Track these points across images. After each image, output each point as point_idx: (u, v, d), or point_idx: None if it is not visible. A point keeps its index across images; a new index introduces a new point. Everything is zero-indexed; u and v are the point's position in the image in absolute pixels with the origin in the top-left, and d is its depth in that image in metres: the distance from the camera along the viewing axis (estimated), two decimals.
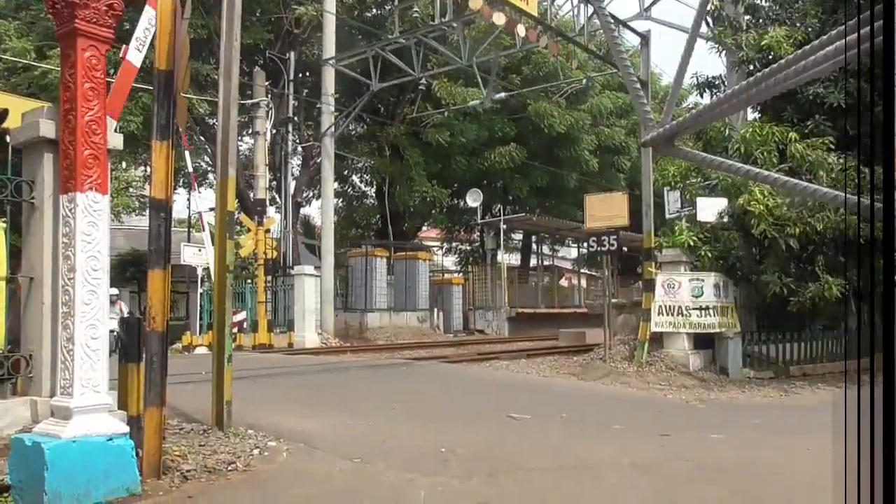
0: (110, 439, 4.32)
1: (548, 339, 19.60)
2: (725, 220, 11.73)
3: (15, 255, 4.58)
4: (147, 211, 5.24)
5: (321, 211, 21.66)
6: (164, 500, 4.36)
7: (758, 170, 1.47)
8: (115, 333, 11.85)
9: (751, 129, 11.78)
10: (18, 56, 17.90)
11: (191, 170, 18.79)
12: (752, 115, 13.75)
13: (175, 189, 28.58)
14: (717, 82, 14.30)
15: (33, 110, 4.60)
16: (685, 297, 11.39)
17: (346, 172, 28.62)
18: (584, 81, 23.53)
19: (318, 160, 21.81)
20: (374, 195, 29.52)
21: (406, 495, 4.55)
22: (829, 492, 4.88)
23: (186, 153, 17.19)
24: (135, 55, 7.24)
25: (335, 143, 21.15)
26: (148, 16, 10.35)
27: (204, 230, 17.08)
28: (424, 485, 4.74)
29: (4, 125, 4.73)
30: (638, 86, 1.71)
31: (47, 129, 4.41)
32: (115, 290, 14.05)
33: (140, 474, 4.46)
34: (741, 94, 1.39)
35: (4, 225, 4.45)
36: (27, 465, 4.10)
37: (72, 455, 4.12)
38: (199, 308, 18.27)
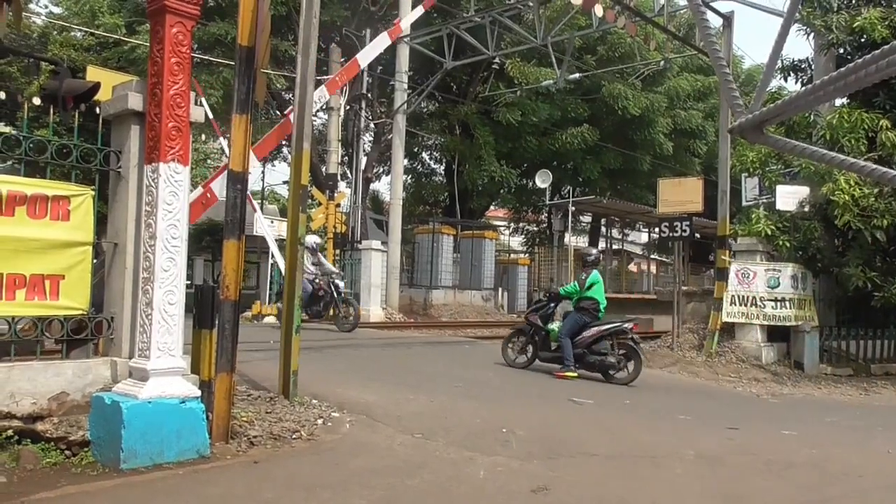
0: (183, 402, 4.51)
1: None
2: (806, 209, 11.27)
3: (101, 221, 4.80)
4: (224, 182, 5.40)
5: (390, 187, 21.86)
6: (232, 463, 4.53)
7: (863, 162, 1.38)
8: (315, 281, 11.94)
9: (838, 116, 11.22)
10: (110, 31, 18.67)
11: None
12: (839, 100, 13.09)
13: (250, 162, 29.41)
14: (803, 66, 13.66)
15: (122, 84, 4.79)
16: (760, 287, 11.03)
17: (416, 149, 28.73)
18: (662, 63, 22.85)
19: (390, 137, 21.95)
20: (443, 173, 29.56)
21: (465, 473, 4.58)
22: None
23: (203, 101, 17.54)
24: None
25: (406, 121, 21.25)
26: (321, 93, 10.92)
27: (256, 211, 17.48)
28: (484, 464, 4.76)
29: (96, 98, 4.93)
30: (727, 70, 1.63)
31: (135, 101, 4.58)
32: (317, 239, 13.63)
33: (210, 437, 4.64)
34: (838, 82, 1.31)
35: (93, 192, 4.66)
36: (106, 423, 4.32)
37: (147, 415, 4.33)
38: (269, 278, 18.76)
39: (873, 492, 4.74)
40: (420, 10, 11.94)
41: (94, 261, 4.80)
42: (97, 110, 4.79)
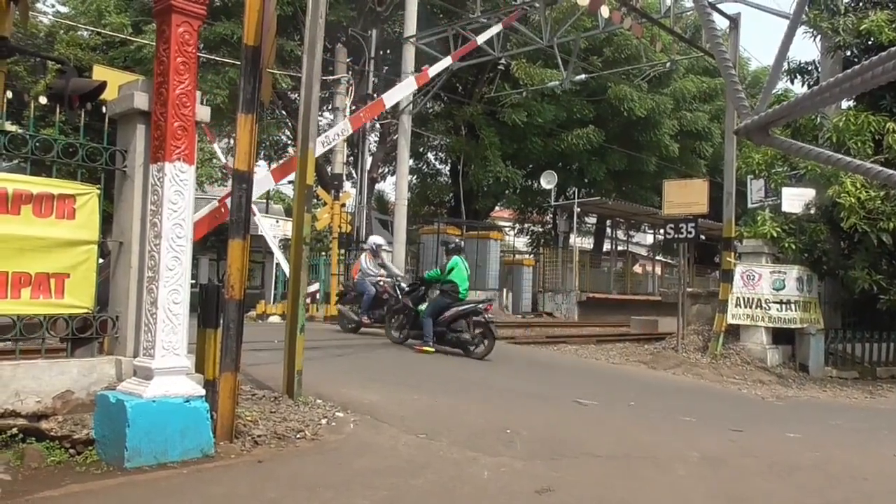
0: (187, 401, 4.51)
1: (618, 326, 19.30)
2: (812, 211, 11.23)
3: (107, 220, 4.81)
4: (230, 182, 5.41)
5: (395, 187, 21.85)
6: (236, 463, 4.53)
7: (869, 164, 1.38)
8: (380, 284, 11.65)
9: (844, 118, 11.18)
10: (116, 31, 18.73)
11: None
12: (845, 102, 13.04)
13: (256, 162, 29.51)
14: (809, 68, 13.61)
15: (128, 83, 4.80)
16: (765, 289, 10.99)
17: (421, 150, 28.73)
18: (668, 65, 22.81)
19: (395, 137, 21.98)
20: (448, 173, 29.56)
21: (469, 473, 4.58)
22: None
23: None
24: (318, 147, 7.96)
25: (412, 121, 21.25)
26: (343, 126, 11.06)
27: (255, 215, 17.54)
28: (488, 464, 4.76)
29: (102, 97, 4.94)
30: (733, 72, 1.63)
31: (141, 101, 4.59)
32: (380, 240, 13.02)
33: (214, 437, 4.65)
34: (844, 83, 1.30)
35: (98, 191, 4.67)
36: (110, 421, 4.33)
37: (151, 414, 4.33)
38: (273, 277, 18.80)
39: (878, 495, 4.72)
40: (448, 61, 12.02)
41: (101, 260, 4.82)
42: (103, 109, 4.81)
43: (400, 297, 11.25)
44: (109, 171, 4.81)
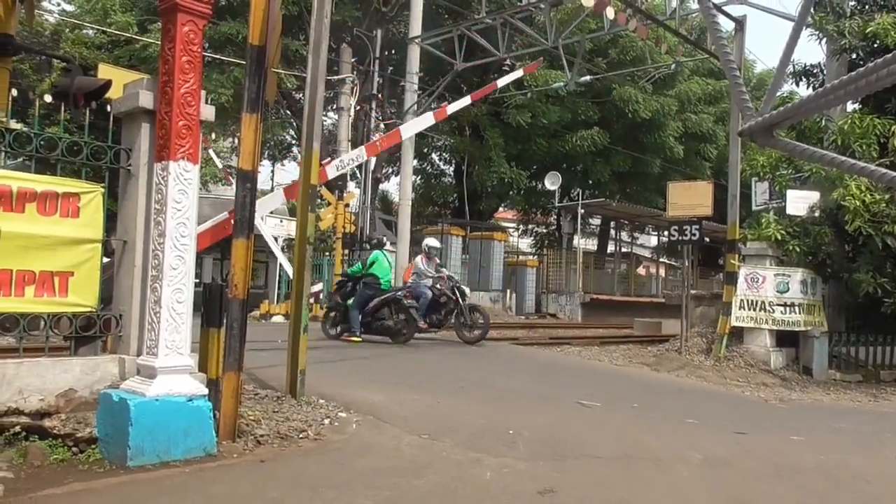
0: (190, 400, 4.52)
1: (622, 328, 19.28)
2: (817, 214, 11.19)
3: (111, 219, 4.82)
4: (234, 181, 5.41)
5: (399, 188, 21.88)
6: (238, 462, 4.54)
7: (873, 167, 1.38)
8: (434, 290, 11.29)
9: (849, 121, 11.15)
10: (122, 30, 18.79)
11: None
12: (851, 105, 13.00)
13: (260, 161, 29.56)
14: (815, 71, 13.57)
15: (134, 82, 4.81)
16: (769, 291, 10.97)
17: (425, 150, 28.76)
18: (673, 66, 22.80)
19: None
20: (452, 174, 29.58)
21: (471, 474, 4.58)
22: None
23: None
24: (332, 170, 8.00)
25: None
26: (359, 152, 11.14)
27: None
28: (491, 465, 4.76)
29: (107, 95, 4.95)
30: (737, 73, 1.62)
31: (146, 99, 4.60)
32: (436, 242, 12.63)
33: (217, 436, 4.65)
34: (849, 85, 1.30)
35: (103, 190, 4.68)
36: (113, 420, 4.34)
37: (154, 413, 4.34)
38: (277, 277, 18.82)
39: (883, 499, 4.70)
40: (468, 100, 12.13)
41: (108, 259, 4.83)
42: (108, 108, 4.82)
43: (459, 300, 11.05)
44: (114, 169, 4.82)
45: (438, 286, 11.42)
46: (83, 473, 4.12)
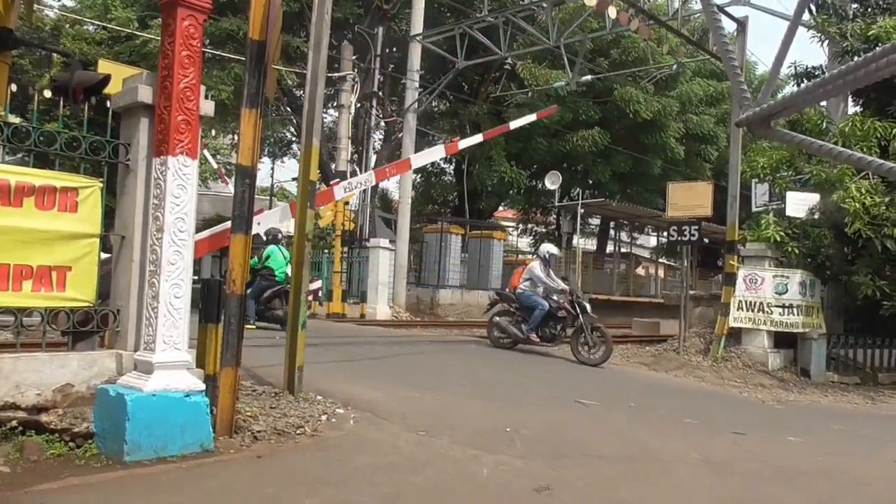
0: (188, 395, 4.50)
1: (620, 328, 19.26)
2: (816, 216, 11.19)
3: (109, 214, 4.81)
4: (233, 177, 5.39)
5: (399, 186, 21.87)
6: (235, 458, 4.53)
7: (863, 156, 1.39)
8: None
9: (850, 124, 11.15)
10: (122, 25, 18.74)
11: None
12: (852, 108, 13.01)
13: (260, 158, 29.48)
14: (816, 73, 13.57)
15: (132, 76, 4.80)
16: (768, 293, 10.97)
17: (426, 148, 28.73)
18: (675, 67, 22.78)
19: (400, 135, 21.97)
20: (452, 173, 29.57)
21: (469, 471, 4.58)
22: None
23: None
24: (339, 191, 8.00)
25: (417, 120, 21.25)
26: (367, 177, 10.98)
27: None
28: (488, 462, 4.75)
29: (106, 91, 4.93)
30: (736, 63, 1.62)
31: (145, 94, 4.58)
32: (555, 249, 11.57)
33: (213, 431, 4.64)
34: (847, 76, 1.29)
35: (101, 185, 4.66)
36: (110, 415, 4.32)
37: (151, 408, 4.32)
38: None
39: (884, 502, 4.70)
40: (479, 138, 12.21)
41: (107, 255, 4.82)
42: (108, 104, 4.80)
43: (580, 315, 10.01)
44: (112, 164, 4.80)
45: (556, 297, 10.37)
46: (80, 468, 4.11)
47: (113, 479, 3.97)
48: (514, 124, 13.23)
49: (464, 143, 13.29)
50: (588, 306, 10.39)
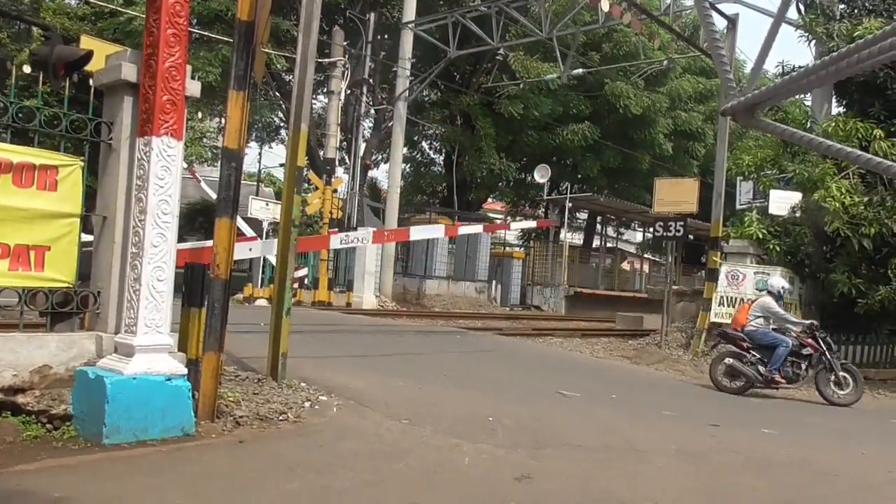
0: (169, 379, 4.47)
1: (604, 321, 19.38)
2: (798, 214, 11.31)
3: (90, 194, 4.74)
4: (219, 161, 5.35)
5: (389, 175, 21.81)
6: (216, 442, 4.52)
7: (842, 147, 1.41)
8: None
9: (833, 124, 11.26)
10: (106, 1, 18.41)
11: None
12: (836, 109, 13.12)
13: (247, 143, 29.27)
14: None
15: (116, 53, 4.73)
16: (749, 289, 11.07)
17: (416, 138, 28.67)
18: (665, 63, 22.83)
19: (390, 124, 21.89)
20: (442, 163, 29.53)
21: (451, 459, 4.59)
22: (881, 497, 4.77)
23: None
24: (336, 241, 7.64)
25: (408, 109, 21.18)
26: (365, 234, 10.55)
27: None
28: (469, 451, 4.77)
29: (88, 68, 4.85)
30: (723, 51, 1.63)
31: (129, 72, 4.52)
32: (785, 283, 9.84)
33: (195, 416, 4.62)
34: (830, 66, 1.30)
35: (82, 163, 4.60)
36: (89, 398, 4.29)
37: (131, 391, 4.29)
38: (262, 261, 18.70)
39: (849, 492, 4.79)
40: (479, 228, 12.40)
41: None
42: (90, 81, 4.73)
43: (826, 352, 8.94)
44: (94, 144, 4.73)
45: (794, 333, 9.29)
46: (57, 450, 4.08)
47: (90, 462, 3.95)
48: (517, 226, 13.40)
49: (463, 230, 13.77)
50: (833, 344, 9.29)
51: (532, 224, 13.43)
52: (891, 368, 12.20)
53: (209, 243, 5.38)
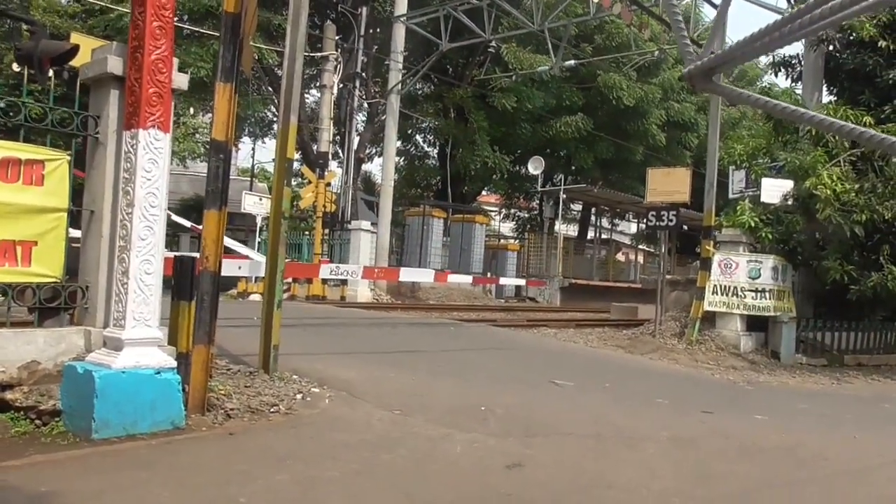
0: (158, 372, 4.47)
1: (599, 312, 19.41)
2: (790, 202, 11.32)
3: (77, 188, 4.73)
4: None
5: (382, 168, 21.78)
6: (207, 435, 4.52)
7: (805, 111, 1.42)
8: None
9: (824, 112, 11.25)
10: None
11: None
12: (827, 97, 13.14)
13: (240, 138, 29.14)
14: (793, 61, 13.69)
15: (102, 46, 4.72)
16: (742, 277, 11.10)
17: (409, 131, 28.62)
18: (657, 54, 22.83)
19: (383, 117, 21.87)
20: (436, 156, 29.51)
21: (442, 449, 4.61)
22: (871, 479, 4.80)
23: None
24: (325, 271, 7.47)
25: (401, 102, 21.14)
26: (357, 268, 10.51)
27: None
28: (461, 440, 4.79)
29: (75, 63, 4.84)
30: (680, 17, 1.64)
31: (115, 65, 4.50)
32: None
33: (185, 409, 4.62)
34: (792, 22, 1.30)
35: (69, 158, 4.59)
36: (78, 392, 4.28)
37: (121, 385, 4.29)
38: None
39: (838, 476, 4.82)
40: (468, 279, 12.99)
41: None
42: (70, 74, 4.72)
43: None
44: (81, 138, 4.72)
45: None
46: (45, 446, 4.07)
47: (79, 457, 3.94)
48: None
49: (454, 278, 14.17)
50: None
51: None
52: (884, 354, 12.27)
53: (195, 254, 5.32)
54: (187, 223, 17.12)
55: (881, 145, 1.34)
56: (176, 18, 4.47)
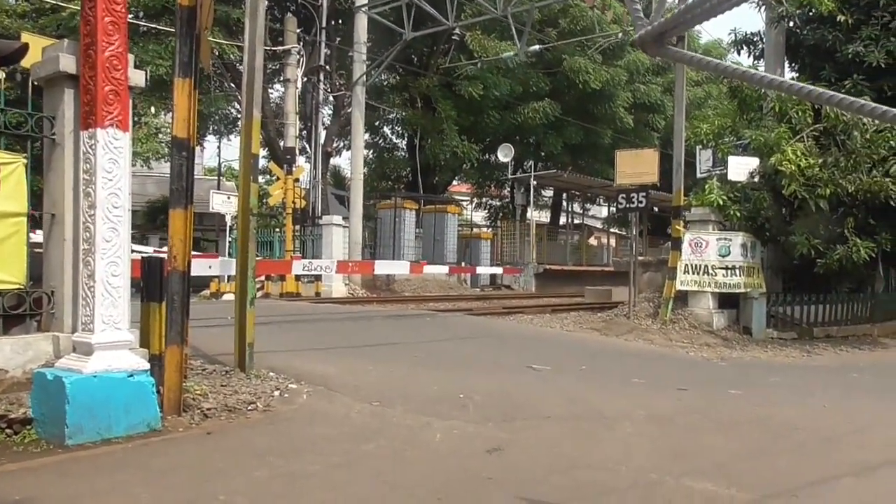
0: (131, 375, 4.41)
1: (574, 296, 19.56)
2: (756, 179, 11.49)
3: (35, 192, 4.62)
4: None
5: (351, 162, 21.64)
6: (183, 435, 4.47)
7: (755, 72, 1.44)
8: None
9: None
10: None
11: None
12: (789, 74, 13.34)
13: (205, 136, 28.73)
14: (755, 39, 13.85)
15: (54, 45, 4.60)
16: (712, 256, 11.24)
17: (377, 123, 28.46)
18: (620, 35, 22.94)
19: (349, 110, 21.69)
20: (405, 147, 29.38)
21: (422, 437, 4.62)
22: (841, 446, 4.91)
23: None
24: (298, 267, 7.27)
25: (367, 94, 20.98)
26: (330, 263, 10.44)
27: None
28: (440, 428, 4.80)
29: (26, 63, 4.70)
30: None
31: (67, 63, 4.39)
32: None
33: (161, 411, 4.56)
34: None
35: (25, 161, 4.48)
36: (49, 399, 4.20)
37: (92, 390, 4.22)
38: (227, 256, 18.49)
39: (809, 444, 4.93)
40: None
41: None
42: (20, 75, 4.60)
43: None
44: (37, 139, 4.60)
45: None
46: (18, 454, 4.00)
47: (53, 463, 3.88)
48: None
49: (429, 269, 15.55)
50: None
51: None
52: (851, 325, 12.55)
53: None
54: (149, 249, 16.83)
55: (863, 112, 1.35)
56: (131, 15, 4.37)
